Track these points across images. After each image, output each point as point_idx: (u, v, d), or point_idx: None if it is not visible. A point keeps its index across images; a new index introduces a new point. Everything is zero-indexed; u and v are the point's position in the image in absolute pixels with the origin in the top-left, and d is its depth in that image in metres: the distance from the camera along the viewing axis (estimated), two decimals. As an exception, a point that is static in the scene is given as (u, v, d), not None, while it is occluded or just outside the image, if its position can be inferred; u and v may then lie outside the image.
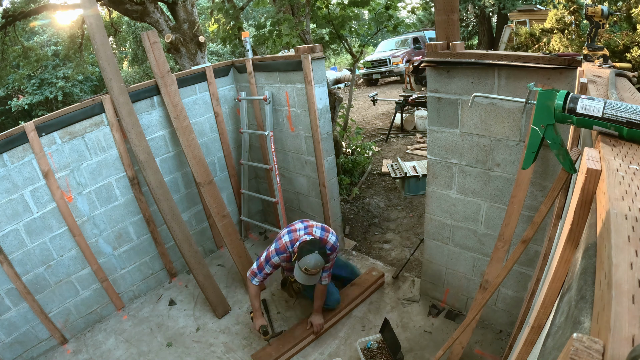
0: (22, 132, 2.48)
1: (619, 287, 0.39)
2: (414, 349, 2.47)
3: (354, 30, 5.14)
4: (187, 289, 3.35)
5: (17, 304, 2.62)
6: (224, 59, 17.58)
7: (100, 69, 2.76)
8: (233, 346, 2.69)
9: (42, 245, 2.69)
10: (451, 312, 2.71)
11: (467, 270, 2.55)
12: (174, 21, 5.71)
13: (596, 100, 0.83)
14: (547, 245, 1.64)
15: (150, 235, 3.27)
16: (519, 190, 2.01)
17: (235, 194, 3.87)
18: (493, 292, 1.83)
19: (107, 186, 2.95)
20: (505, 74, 1.90)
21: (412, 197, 4.59)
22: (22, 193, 2.55)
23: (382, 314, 2.73)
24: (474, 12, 16.53)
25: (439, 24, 2.18)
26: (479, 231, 2.36)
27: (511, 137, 2.00)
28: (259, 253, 3.69)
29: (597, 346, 0.37)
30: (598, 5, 1.58)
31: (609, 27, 5.45)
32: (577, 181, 0.79)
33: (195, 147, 3.10)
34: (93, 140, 2.82)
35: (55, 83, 14.71)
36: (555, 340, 0.65)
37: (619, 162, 0.67)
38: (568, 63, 1.66)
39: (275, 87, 3.19)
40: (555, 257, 0.86)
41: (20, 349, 2.68)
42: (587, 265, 0.61)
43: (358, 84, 13.66)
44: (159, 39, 2.98)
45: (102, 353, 2.77)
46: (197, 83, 3.31)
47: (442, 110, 2.22)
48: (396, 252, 3.61)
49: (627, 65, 1.55)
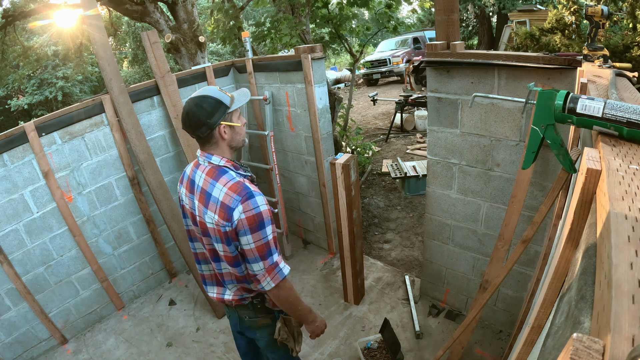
0: (22, 132, 2.48)
1: (619, 287, 0.39)
2: (414, 349, 2.47)
3: (354, 30, 5.13)
4: (187, 289, 3.35)
5: (17, 304, 2.62)
6: (224, 59, 17.58)
7: (100, 69, 2.76)
8: (233, 346, 2.69)
9: (42, 245, 2.69)
10: (451, 312, 2.71)
11: (467, 270, 2.55)
12: (174, 21, 5.70)
13: (596, 100, 0.83)
14: (547, 245, 1.64)
15: (150, 235, 3.27)
16: (519, 190, 2.01)
17: (235, 194, 3.87)
18: (493, 292, 1.83)
19: (107, 186, 2.95)
20: (505, 74, 1.90)
21: (412, 197, 4.59)
22: (22, 193, 2.55)
23: (382, 314, 2.73)
24: (474, 12, 16.53)
25: (439, 24, 2.18)
26: (479, 231, 2.36)
27: (511, 137, 2.00)
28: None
29: (597, 346, 0.37)
30: (598, 5, 1.58)
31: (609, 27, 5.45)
32: (577, 181, 0.79)
33: (196, 147, 3.10)
34: (93, 140, 2.82)
35: (55, 83, 14.69)
36: (555, 340, 0.65)
37: (619, 162, 0.67)
38: (568, 63, 1.66)
39: (275, 87, 3.19)
40: (555, 257, 0.86)
41: (20, 349, 2.68)
42: (587, 265, 0.61)
43: (358, 84, 13.66)
44: (159, 39, 2.98)
45: (102, 353, 2.77)
46: (197, 83, 3.31)
47: (442, 110, 2.22)
48: (396, 252, 3.61)
49: (627, 65, 1.55)
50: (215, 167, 1.35)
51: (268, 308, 1.54)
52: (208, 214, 1.32)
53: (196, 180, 1.39)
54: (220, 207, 1.28)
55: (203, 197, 1.34)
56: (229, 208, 1.26)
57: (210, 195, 1.32)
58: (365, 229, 4.00)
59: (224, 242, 1.32)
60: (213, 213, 1.30)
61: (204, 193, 1.34)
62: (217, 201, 1.29)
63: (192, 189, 1.41)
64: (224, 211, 1.27)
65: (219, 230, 1.30)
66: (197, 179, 1.39)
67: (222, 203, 1.28)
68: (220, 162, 1.35)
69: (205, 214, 1.33)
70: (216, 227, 1.30)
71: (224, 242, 1.32)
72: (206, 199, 1.33)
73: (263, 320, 1.56)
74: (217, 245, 1.36)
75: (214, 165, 1.35)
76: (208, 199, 1.32)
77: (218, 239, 1.33)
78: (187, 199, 1.44)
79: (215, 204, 1.30)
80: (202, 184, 1.36)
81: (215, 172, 1.34)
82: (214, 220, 1.30)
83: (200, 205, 1.35)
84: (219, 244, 1.35)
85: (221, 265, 1.44)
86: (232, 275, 1.45)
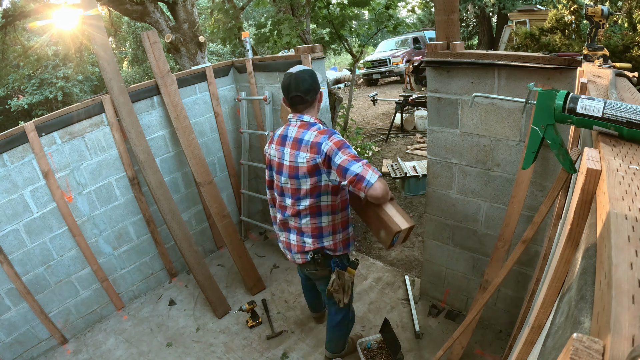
0: (22, 132, 2.48)
1: (619, 287, 0.39)
2: (414, 349, 2.47)
3: (354, 30, 5.14)
4: (187, 289, 3.35)
5: (17, 304, 2.62)
6: (224, 59, 17.58)
7: (100, 69, 2.76)
8: (233, 346, 2.69)
9: (42, 245, 2.69)
10: (451, 312, 2.71)
11: (467, 270, 2.55)
12: (174, 21, 5.71)
13: (596, 100, 0.83)
14: (547, 245, 1.64)
15: (150, 235, 3.27)
16: (519, 190, 2.01)
17: (235, 194, 3.87)
18: (493, 292, 1.83)
19: (107, 186, 2.95)
20: (505, 74, 1.90)
21: (412, 197, 4.59)
22: (22, 193, 2.55)
23: (382, 314, 2.73)
24: (474, 12, 16.54)
25: (439, 24, 2.18)
26: (479, 231, 2.36)
27: (511, 137, 2.00)
28: (259, 253, 3.70)
29: (597, 346, 0.37)
30: (598, 5, 1.58)
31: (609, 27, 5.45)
32: (577, 181, 0.79)
33: (195, 147, 3.10)
34: (93, 140, 2.82)
35: (55, 83, 14.70)
36: (555, 340, 0.65)
37: (619, 162, 0.67)
38: (568, 63, 1.66)
39: (275, 87, 3.19)
40: (555, 257, 0.86)
41: (20, 349, 2.68)
42: (587, 265, 0.61)
43: (358, 84, 13.66)
44: (159, 39, 2.99)
45: (102, 353, 2.77)
46: (197, 83, 3.31)
47: (442, 110, 2.22)
48: (396, 252, 3.61)
49: (627, 65, 1.55)
50: (306, 123, 1.72)
51: (327, 262, 1.90)
52: (300, 155, 1.67)
53: (289, 134, 1.74)
54: (311, 146, 1.64)
55: (295, 144, 1.69)
56: (318, 144, 1.63)
57: (302, 139, 1.68)
58: (365, 228, 4.00)
59: (314, 175, 1.67)
60: (305, 152, 1.65)
61: (296, 140, 1.70)
62: (308, 142, 1.65)
63: (284, 142, 1.75)
64: (314, 147, 1.63)
65: (309, 166, 1.65)
66: (289, 133, 1.74)
67: (312, 142, 1.64)
68: (310, 119, 1.73)
69: (297, 156, 1.68)
70: (307, 164, 1.65)
71: (314, 176, 1.67)
72: (298, 144, 1.68)
73: (322, 273, 1.96)
74: (304, 181, 1.70)
75: (305, 122, 1.72)
76: (300, 143, 1.68)
77: (307, 174, 1.67)
78: (277, 152, 1.78)
79: (306, 145, 1.66)
80: (295, 135, 1.71)
81: (306, 125, 1.71)
82: (306, 158, 1.65)
83: (292, 150, 1.70)
84: (306, 179, 1.69)
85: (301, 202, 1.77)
86: (310, 225, 1.82)
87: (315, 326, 2.77)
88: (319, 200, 1.76)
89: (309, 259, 1.90)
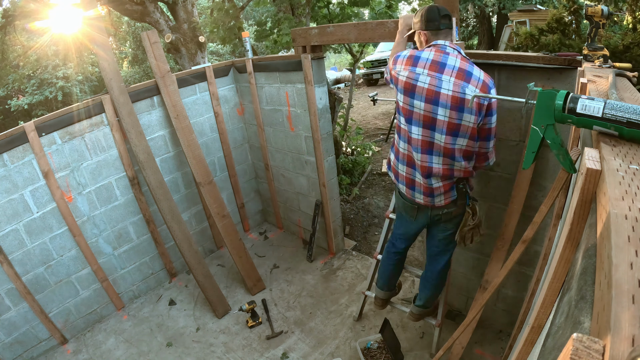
0: (22, 132, 2.48)
1: (619, 287, 0.39)
2: (414, 349, 2.47)
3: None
4: (187, 289, 3.35)
5: (17, 304, 2.62)
6: (224, 58, 17.57)
7: (100, 69, 2.76)
8: (233, 346, 2.69)
9: (42, 245, 2.69)
10: (451, 312, 2.71)
11: (467, 270, 2.55)
12: (174, 21, 5.70)
13: (596, 100, 0.83)
14: (547, 245, 1.64)
15: (150, 235, 3.27)
16: (519, 190, 2.01)
17: (235, 194, 3.87)
18: (493, 292, 1.83)
19: (107, 186, 2.95)
20: (505, 74, 1.90)
21: (412, 197, 4.58)
22: (22, 193, 2.55)
23: (382, 314, 2.73)
24: (474, 12, 16.52)
25: (439, 24, 2.17)
26: (479, 231, 2.35)
27: (511, 137, 2.00)
28: (259, 253, 3.71)
29: (597, 346, 0.37)
30: (598, 5, 1.58)
31: (609, 27, 5.45)
32: (577, 181, 0.79)
33: (195, 147, 3.10)
34: (93, 140, 2.82)
35: (55, 83, 14.67)
36: (555, 340, 0.65)
37: (619, 162, 0.67)
38: (568, 63, 1.66)
39: (275, 87, 3.19)
40: (555, 257, 0.86)
41: (20, 349, 2.68)
42: (587, 265, 0.61)
43: (358, 84, 13.66)
44: (159, 39, 2.98)
45: (102, 353, 2.77)
46: (197, 83, 3.31)
47: (442, 110, 2.21)
48: (396, 252, 3.60)
49: (627, 65, 1.55)
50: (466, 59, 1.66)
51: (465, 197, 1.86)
52: (469, 87, 1.60)
53: (449, 62, 1.64)
54: (482, 84, 1.60)
55: (462, 75, 1.62)
56: (489, 87, 1.61)
57: (472, 73, 1.62)
58: (365, 228, 4.00)
59: (477, 114, 1.62)
60: (475, 87, 1.60)
61: (463, 72, 1.62)
62: (479, 79, 1.61)
63: (442, 69, 1.64)
64: (485, 88, 1.60)
65: (477, 102, 1.61)
66: (449, 61, 1.64)
67: (484, 82, 1.61)
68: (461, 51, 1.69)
69: (466, 87, 1.60)
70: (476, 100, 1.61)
71: (476, 115, 1.62)
72: (466, 76, 1.61)
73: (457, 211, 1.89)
74: (466, 116, 1.62)
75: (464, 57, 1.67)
76: (469, 76, 1.61)
77: (472, 110, 1.61)
78: (429, 78, 1.65)
79: (477, 81, 1.60)
80: (460, 65, 1.63)
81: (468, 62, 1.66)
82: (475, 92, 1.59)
83: (458, 80, 1.61)
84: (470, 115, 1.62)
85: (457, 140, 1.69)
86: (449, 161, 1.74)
87: (315, 326, 2.77)
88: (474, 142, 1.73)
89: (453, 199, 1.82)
